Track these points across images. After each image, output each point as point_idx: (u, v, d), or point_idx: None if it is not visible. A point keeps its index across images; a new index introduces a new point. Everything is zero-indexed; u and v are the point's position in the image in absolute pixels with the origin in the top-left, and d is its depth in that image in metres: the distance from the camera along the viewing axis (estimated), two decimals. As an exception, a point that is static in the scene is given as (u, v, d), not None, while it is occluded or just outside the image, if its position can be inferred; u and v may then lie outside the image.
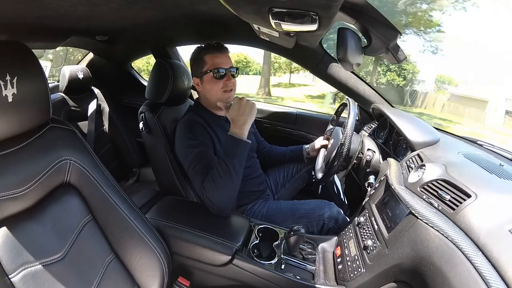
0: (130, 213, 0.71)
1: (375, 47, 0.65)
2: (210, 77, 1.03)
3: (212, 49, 1.04)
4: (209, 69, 1.03)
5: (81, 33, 1.30)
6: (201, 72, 1.04)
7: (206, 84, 1.05)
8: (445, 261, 0.51)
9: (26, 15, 0.82)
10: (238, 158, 0.87)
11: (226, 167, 0.85)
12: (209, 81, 1.04)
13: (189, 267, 0.85)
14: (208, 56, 1.04)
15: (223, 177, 0.85)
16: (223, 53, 1.05)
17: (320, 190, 1.41)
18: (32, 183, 0.56)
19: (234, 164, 0.86)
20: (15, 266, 0.51)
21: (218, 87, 1.04)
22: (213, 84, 1.04)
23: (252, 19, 0.68)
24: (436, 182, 0.68)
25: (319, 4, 0.47)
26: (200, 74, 1.05)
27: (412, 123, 0.98)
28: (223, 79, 1.03)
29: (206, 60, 1.04)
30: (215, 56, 1.03)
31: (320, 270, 0.85)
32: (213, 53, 1.04)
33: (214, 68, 1.02)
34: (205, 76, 1.04)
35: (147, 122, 1.13)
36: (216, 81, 1.03)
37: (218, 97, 1.04)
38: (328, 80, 1.32)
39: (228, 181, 0.86)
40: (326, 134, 1.31)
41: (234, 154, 0.86)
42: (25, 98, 0.54)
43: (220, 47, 1.05)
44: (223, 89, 1.04)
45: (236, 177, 0.87)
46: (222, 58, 1.04)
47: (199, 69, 1.05)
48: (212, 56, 1.03)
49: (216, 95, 1.05)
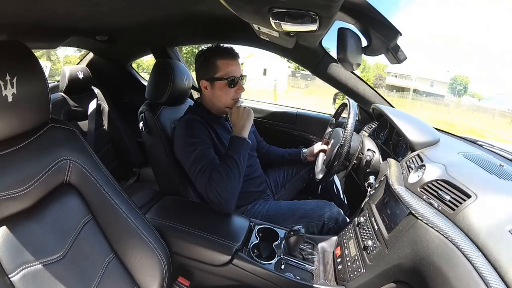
0: (130, 213, 0.71)
1: (375, 47, 0.65)
2: (223, 84, 1.01)
3: (226, 54, 1.01)
4: (223, 77, 1.01)
5: (81, 33, 1.30)
6: (212, 77, 1.02)
7: (218, 90, 1.03)
8: (445, 261, 0.51)
9: (26, 15, 0.82)
10: (242, 154, 0.94)
11: (233, 160, 0.92)
12: (222, 88, 1.02)
13: (189, 267, 0.85)
14: (222, 62, 1.01)
15: (232, 169, 0.91)
16: (236, 59, 1.03)
17: (320, 190, 1.42)
18: (32, 183, 0.56)
19: (240, 159, 0.93)
20: (15, 266, 0.51)
21: (229, 95, 1.03)
22: (225, 91, 1.03)
23: (252, 19, 0.68)
24: (436, 182, 0.68)
25: (319, 4, 0.47)
26: (211, 79, 1.02)
27: (412, 123, 0.98)
28: (236, 88, 1.03)
29: (219, 66, 1.01)
30: (229, 63, 1.01)
31: (320, 270, 0.85)
32: (227, 59, 1.01)
33: (228, 77, 1.00)
34: (217, 82, 1.02)
35: (147, 122, 1.13)
36: (228, 90, 1.02)
37: (227, 104, 1.05)
38: (328, 80, 1.32)
39: (236, 174, 0.91)
40: (325, 137, 1.31)
41: (238, 150, 0.94)
42: (25, 98, 0.54)
43: (233, 53, 1.02)
44: (234, 97, 1.04)
45: (242, 171, 0.93)
46: (235, 66, 1.02)
47: (210, 73, 1.02)
48: (226, 62, 1.01)
49: (225, 102, 1.05)
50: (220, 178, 0.89)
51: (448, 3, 23.78)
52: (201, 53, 1.05)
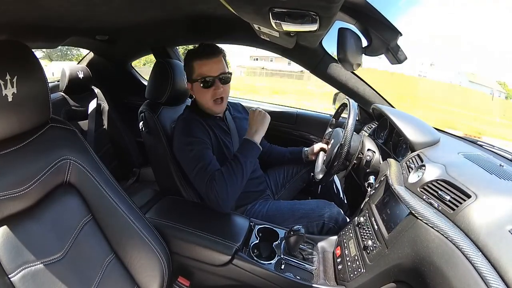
0: (130, 213, 0.71)
1: (375, 47, 0.65)
2: (198, 85, 1.01)
3: (200, 55, 0.99)
4: (196, 78, 1.01)
5: (81, 33, 1.30)
6: (191, 78, 1.04)
7: (196, 92, 1.05)
8: (445, 261, 0.51)
9: (26, 15, 0.82)
10: (250, 159, 0.94)
11: (239, 164, 0.92)
12: (198, 90, 1.03)
13: (189, 267, 0.85)
14: (196, 63, 1.00)
15: (236, 173, 0.91)
16: (210, 58, 0.99)
17: (320, 190, 1.41)
18: (32, 183, 0.56)
19: (247, 162, 0.93)
20: (15, 266, 0.51)
21: (208, 96, 1.02)
22: (202, 93, 1.02)
23: (252, 19, 0.68)
24: (436, 182, 0.68)
25: (319, 4, 0.47)
26: (190, 80, 1.04)
27: (412, 124, 0.98)
28: (212, 88, 1.01)
29: (194, 67, 1.01)
30: (202, 64, 0.99)
31: (320, 270, 0.85)
32: (201, 59, 0.99)
33: (200, 78, 0.99)
34: (195, 84, 1.03)
35: (147, 121, 1.13)
36: (204, 90, 1.01)
37: (208, 107, 1.04)
38: (328, 80, 1.32)
39: (239, 178, 0.91)
40: (325, 137, 1.31)
41: (247, 154, 0.94)
42: (25, 98, 0.54)
43: (208, 52, 0.99)
44: (213, 98, 1.02)
45: (246, 176, 0.93)
46: (209, 65, 0.99)
47: (189, 75, 1.04)
48: (200, 63, 0.99)
49: (206, 104, 1.04)
50: (222, 179, 0.89)
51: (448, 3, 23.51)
52: (185, 54, 1.07)
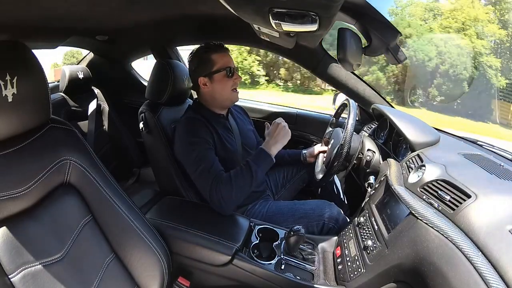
0: (130, 213, 0.71)
1: (375, 48, 0.65)
2: (222, 75, 1.05)
3: (218, 48, 1.07)
4: (221, 68, 1.05)
5: (81, 33, 1.30)
6: (210, 71, 1.05)
7: (217, 83, 1.07)
8: (445, 261, 0.51)
9: (26, 15, 0.82)
10: (262, 169, 0.95)
11: (250, 171, 0.93)
12: (221, 80, 1.06)
13: (189, 267, 0.85)
14: (217, 56, 1.06)
15: (245, 180, 0.92)
16: (226, 51, 1.09)
17: (320, 190, 1.41)
18: (32, 183, 0.56)
19: (258, 171, 0.94)
20: (15, 266, 0.51)
21: (229, 85, 1.07)
22: (224, 83, 1.06)
23: (252, 19, 0.68)
24: (436, 182, 0.68)
25: (319, 4, 0.47)
26: (209, 74, 1.06)
27: (412, 123, 0.98)
28: (233, 77, 1.07)
29: (215, 60, 1.05)
30: (223, 55, 1.07)
31: (320, 271, 0.85)
32: (220, 52, 1.07)
33: (226, 67, 1.05)
34: (216, 75, 1.05)
35: (147, 122, 1.13)
36: (227, 80, 1.06)
37: (228, 96, 1.09)
38: (328, 80, 1.32)
39: (247, 185, 0.92)
40: (325, 137, 1.31)
41: (260, 164, 0.95)
42: (25, 98, 0.54)
43: (224, 47, 1.09)
44: (233, 87, 1.08)
45: (254, 184, 0.95)
46: (227, 57, 1.08)
47: (207, 68, 1.06)
48: (220, 55, 1.07)
49: (226, 94, 1.08)
50: (229, 183, 0.90)
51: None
52: (195, 53, 1.09)
